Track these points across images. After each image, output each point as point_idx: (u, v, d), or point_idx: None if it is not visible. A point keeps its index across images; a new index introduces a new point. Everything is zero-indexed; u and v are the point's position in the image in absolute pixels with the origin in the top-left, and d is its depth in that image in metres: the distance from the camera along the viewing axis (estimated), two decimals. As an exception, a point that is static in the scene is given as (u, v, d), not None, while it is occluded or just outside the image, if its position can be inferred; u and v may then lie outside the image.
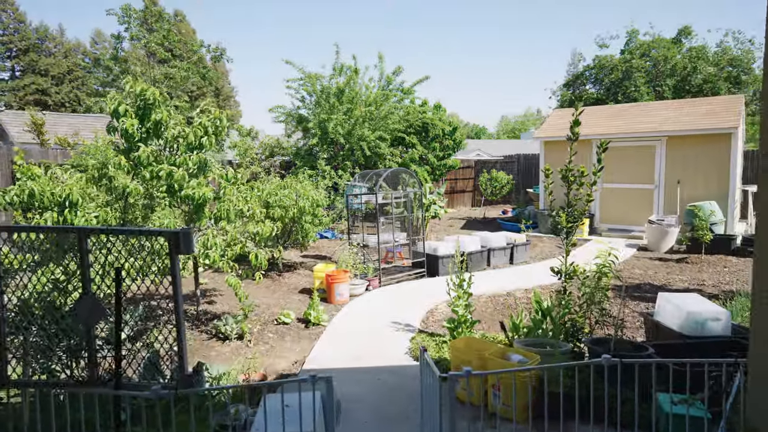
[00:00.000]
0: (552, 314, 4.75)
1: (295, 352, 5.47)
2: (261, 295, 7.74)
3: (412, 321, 6.37)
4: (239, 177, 6.13)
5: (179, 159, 5.19)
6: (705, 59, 26.27)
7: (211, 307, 7.01)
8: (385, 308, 6.94)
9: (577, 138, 4.73)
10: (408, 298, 7.49)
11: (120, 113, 4.77)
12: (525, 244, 10.11)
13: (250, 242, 5.77)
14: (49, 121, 15.82)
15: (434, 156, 16.01)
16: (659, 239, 11.08)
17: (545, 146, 14.02)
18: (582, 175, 4.70)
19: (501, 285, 8.19)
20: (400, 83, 16.18)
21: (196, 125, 5.39)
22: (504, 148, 30.74)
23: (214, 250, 5.36)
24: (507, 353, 4.00)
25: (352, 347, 5.47)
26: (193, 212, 5.44)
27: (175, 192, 5.27)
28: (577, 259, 9.92)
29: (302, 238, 8.62)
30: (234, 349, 5.49)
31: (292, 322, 6.35)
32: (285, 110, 15.77)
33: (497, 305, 7.30)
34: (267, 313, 6.81)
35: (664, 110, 12.88)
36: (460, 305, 5.38)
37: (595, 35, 51.63)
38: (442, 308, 7.08)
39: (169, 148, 5.34)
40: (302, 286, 8.33)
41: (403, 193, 8.89)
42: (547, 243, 12.31)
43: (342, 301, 7.27)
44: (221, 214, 5.53)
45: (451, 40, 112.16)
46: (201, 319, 6.25)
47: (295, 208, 7.98)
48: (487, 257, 9.54)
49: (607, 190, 13.02)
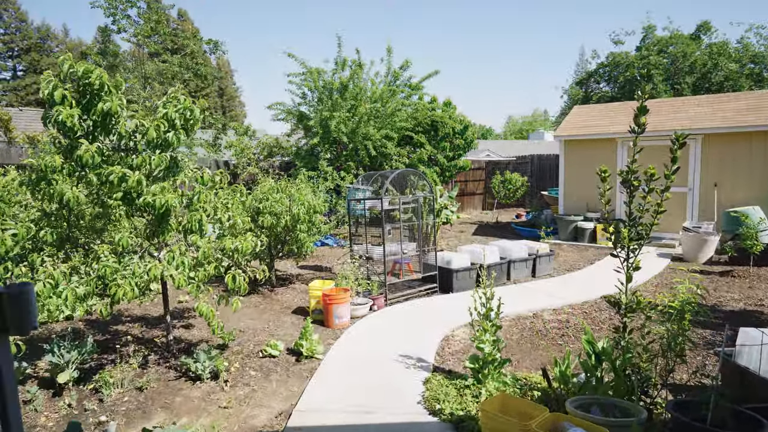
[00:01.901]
0: (611, 359, 3.65)
1: (280, 398, 4.41)
2: (248, 316, 6.69)
3: (425, 353, 5.30)
4: (219, 180, 5.09)
5: (136, 160, 4.15)
6: (726, 55, 25.03)
7: (188, 333, 5.97)
8: (392, 335, 5.87)
9: (643, 130, 3.65)
10: (419, 321, 6.42)
11: (56, 100, 3.75)
12: (549, 254, 9.01)
13: (228, 259, 4.72)
14: (29, 117, 14.89)
15: (444, 156, 14.93)
16: (696, 249, 9.95)
17: (566, 146, 12.92)
18: (651, 179, 3.61)
19: (525, 304, 7.10)
20: (408, 78, 15.11)
21: (159, 118, 4.35)
22: (513, 149, 29.60)
23: (179, 271, 4.31)
24: (560, 424, 2.92)
25: (352, 392, 4.41)
26: (155, 224, 4.39)
27: (133, 200, 4.24)
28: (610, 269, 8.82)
29: (297, 249, 7.57)
30: (205, 394, 4.44)
31: (280, 354, 5.29)
32: (285, 107, 14.73)
33: (523, 330, 6.21)
34: (252, 341, 5.76)
35: (697, 106, 11.74)
36: (487, 341, 4.31)
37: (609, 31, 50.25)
38: (459, 335, 6.00)
39: (125, 145, 4.30)
40: (297, 304, 7.28)
41: (412, 197, 7.82)
42: (568, 252, 11.20)
43: (341, 324, 6.22)
44: (191, 226, 4.49)
45: (453, 40, 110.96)
46: (171, 350, 5.21)
47: (287, 216, 6.94)
48: (507, 270, 8.45)
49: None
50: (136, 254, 4.36)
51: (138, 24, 14.07)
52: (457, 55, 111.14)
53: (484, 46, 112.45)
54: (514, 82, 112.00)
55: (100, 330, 6.01)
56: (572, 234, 12.26)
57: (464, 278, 7.91)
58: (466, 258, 8.03)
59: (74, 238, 4.36)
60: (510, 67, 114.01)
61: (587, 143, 12.55)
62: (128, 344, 5.41)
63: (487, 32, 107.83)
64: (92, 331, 5.93)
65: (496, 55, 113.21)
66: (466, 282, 7.94)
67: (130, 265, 4.14)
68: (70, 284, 3.86)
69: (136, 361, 4.87)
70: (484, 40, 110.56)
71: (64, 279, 3.91)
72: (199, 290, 4.45)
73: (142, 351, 5.26)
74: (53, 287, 3.77)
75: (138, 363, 4.88)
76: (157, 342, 5.58)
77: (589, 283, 8.31)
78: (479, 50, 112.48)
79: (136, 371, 4.78)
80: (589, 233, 11.93)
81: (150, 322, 6.41)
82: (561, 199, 13.20)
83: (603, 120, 12.85)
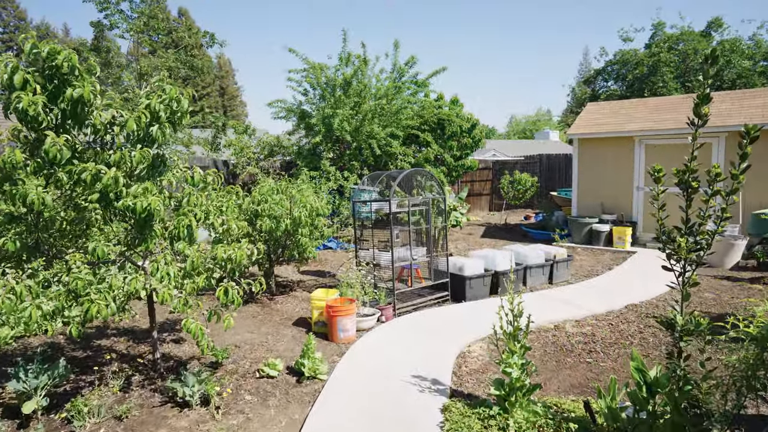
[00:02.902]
0: (668, 392, 3.10)
1: (279, 428, 3.87)
2: (245, 328, 6.15)
3: (441, 373, 4.75)
4: (211, 180, 4.54)
5: (114, 156, 3.61)
6: (739, 52, 24.42)
7: (178, 349, 5.43)
8: (403, 351, 5.32)
9: (704, 122, 3.10)
10: (431, 334, 5.87)
11: (16, 85, 3.22)
12: (566, 260, 8.45)
13: (220, 270, 4.18)
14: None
15: (450, 156, 14.36)
16: (722, 253, 9.39)
17: (580, 144, 12.34)
18: (716, 179, 3.06)
19: (545, 314, 6.54)
20: (414, 75, 14.55)
21: (141, 109, 3.81)
22: (518, 149, 29.01)
23: (165, 284, 3.78)
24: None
25: (360, 421, 3.86)
26: (137, 230, 3.86)
27: (111, 202, 3.70)
28: (631, 275, 8.21)
29: (298, 255, 7.03)
30: (194, 423, 3.89)
31: (279, 374, 4.74)
32: (285, 105, 14.18)
33: (546, 345, 5.66)
34: (249, 357, 5.22)
35: (721, 102, 11.16)
36: (515, 364, 3.77)
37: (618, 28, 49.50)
38: (476, 351, 5.46)
39: (101, 139, 3.77)
40: (298, 314, 6.74)
41: (422, 198, 7.27)
42: (583, 256, 10.63)
43: (347, 339, 5.67)
44: (178, 232, 3.95)
45: (454, 40, 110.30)
46: (158, 369, 4.67)
47: (288, 219, 6.40)
48: (522, 277, 7.89)
49: (652, 195, 11.30)
50: (115, 264, 3.82)
51: (131, 19, 13.52)
52: (457, 56, 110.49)
53: (484, 46, 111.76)
54: (516, 81, 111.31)
55: (82, 345, 5.47)
56: (586, 237, 11.69)
57: (478, 286, 7.36)
58: (479, 264, 7.48)
59: (45, 247, 3.83)
60: (512, 66, 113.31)
61: (602, 142, 11.98)
62: (111, 362, 4.88)
63: (488, 32, 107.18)
64: (72, 346, 5.39)
65: (497, 55, 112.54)
66: (480, 290, 7.39)
67: (106, 278, 3.60)
68: (36, 300, 3.33)
69: (118, 384, 4.34)
70: (484, 39, 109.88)
71: (29, 293, 3.38)
72: (187, 305, 3.91)
73: (126, 371, 4.72)
74: (15, 303, 3.23)
75: (119, 386, 4.34)
76: (144, 360, 5.04)
77: (610, 290, 7.76)
78: (480, 50, 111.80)
79: (116, 396, 4.24)
80: (604, 236, 11.36)
81: (138, 336, 5.88)
82: (574, 200, 12.63)
83: (618, 117, 12.28)
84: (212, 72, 57.32)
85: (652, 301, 7.22)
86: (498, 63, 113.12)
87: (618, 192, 11.87)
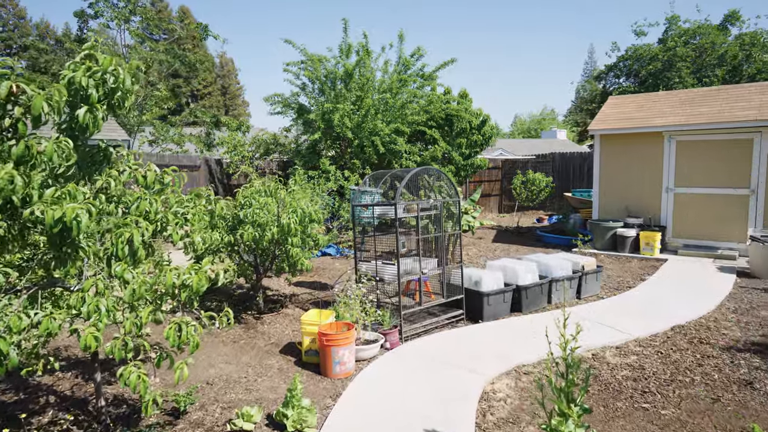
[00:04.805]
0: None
1: None
2: (222, 357, 5.14)
3: (460, 424, 3.73)
4: (169, 181, 3.55)
5: (17, 148, 2.62)
6: (759, 46, 23.29)
7: (135, 388, 4.41)
8: (412, 392, 4.30)
9: None
10: (446, 366, 4.84)
11: None
12: (596, 271, 7.41)
13: (171, 299, 3.18)
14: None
15: (459, 154, 13.33)
16: (762, 262, 8.34)
17: (603, 141, 11.28)
18: None
19: (579, 338, 5.50)
20: (421, 68, 13.52)
21: (61, 83, 2.82)
22: (525, 147, 27.97)
23: (93, 320, 2.78)
24: None
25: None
26: (54, 249, 2.86)
27: (16, 210, 2.70)
28: (667, 288, 7.15)
29: (288, 267, 6.02)
30: (134, 508, 2.89)
31: (255, 428, 3.74)
32: (282, 98, 13.17)
33: (586, 381, 4.61)
34: (222, 400, 4.21)
35: (759, 94, 10.10)
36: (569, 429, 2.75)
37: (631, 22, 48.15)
38: (503, 388, 4.43)
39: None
40: (287, 338, 5.73)
41: (433, 202, 6.26)
42: (608, 264, 9.59)
43: (344, 374, 4.66)
44: (116, 250, 2.95)
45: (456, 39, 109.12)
46: (103, 422, 3.67)
47: (275, 227, 5.40)
48: (547, 291, 6.87)
49: (683, 197, 10.27)
50: (20, 295, 2.82)
51: (117, 7, 12.56)
52: (458, 57, 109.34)
53: (484, 46, 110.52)
54: (520, 81, 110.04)
55: (15, 383, 4.45)
56: (610, 242, 10.64)
57: (497, 303, 6.34)
58: (498, 277, 6.46)
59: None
60: (516, 65, 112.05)
61: (627, 138, 10.92)
62: (45, 410, 3.88)
63: (489, 32, 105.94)
64: (4, 385, 4.38)
65: (500, 54, 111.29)
66: (500, 307, 6.38)
67: (5, 316, 2.61)
68: None
69: (43, 446, 3.34)
70: (485, 40, 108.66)
71: None
72: (126, 349, 2.91)
73: (62, 423, 3.72)
74: None
75: (45, 449, 3.35)
76: (91, 405, 4.04)
77: (649, 307, 6.72)
78: (480, 50, 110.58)
79: (39, 463, 3.25)
80: (630, 242, 10.31)
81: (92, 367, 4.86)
82: (596, 202, 11.58)
83: (644, 112, 11.23)
84: (213, 71, 56.31)
85: (701, 321, 6.17)
86: (500, 63, 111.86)
87: (645, 193, 10.82)
